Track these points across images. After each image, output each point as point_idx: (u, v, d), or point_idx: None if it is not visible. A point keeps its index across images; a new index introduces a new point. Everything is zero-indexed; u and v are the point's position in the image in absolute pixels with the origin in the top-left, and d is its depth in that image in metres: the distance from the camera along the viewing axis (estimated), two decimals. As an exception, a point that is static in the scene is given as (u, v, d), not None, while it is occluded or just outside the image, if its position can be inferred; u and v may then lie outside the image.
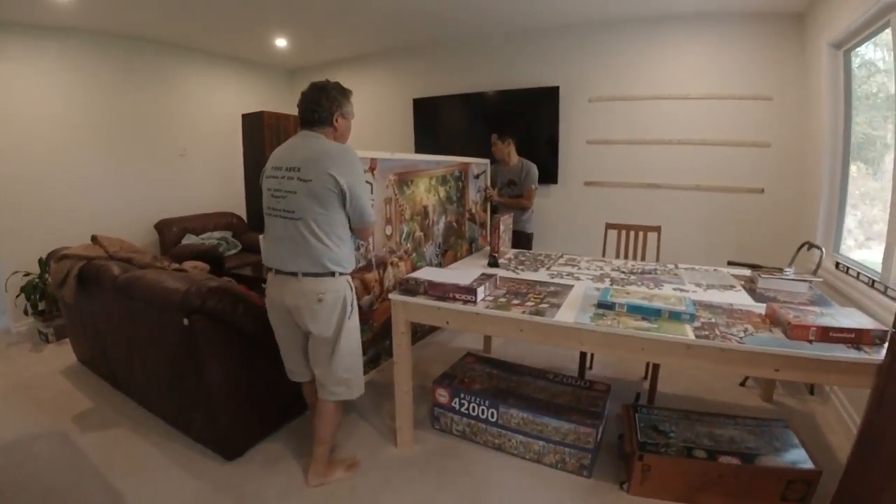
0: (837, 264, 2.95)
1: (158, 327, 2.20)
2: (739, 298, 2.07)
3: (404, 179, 2.55)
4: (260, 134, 5.48)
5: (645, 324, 1.66)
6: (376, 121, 5.44)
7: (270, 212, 1.78)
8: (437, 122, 5.10)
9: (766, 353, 1.53)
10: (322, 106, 1.76)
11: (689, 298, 1.87)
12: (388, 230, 2.43)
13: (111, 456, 2.22)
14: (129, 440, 2.36)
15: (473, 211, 3.38)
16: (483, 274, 2.06)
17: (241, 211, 5.72)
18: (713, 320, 1.74)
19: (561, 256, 2.86)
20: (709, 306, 1.91)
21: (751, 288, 2.25)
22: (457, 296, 1.86)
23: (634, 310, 1.74)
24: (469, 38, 4.72)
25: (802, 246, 3.31)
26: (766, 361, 1.55)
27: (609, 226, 3.38)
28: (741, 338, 1.59)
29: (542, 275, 2.38)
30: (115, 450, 2.27)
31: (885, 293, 2.44)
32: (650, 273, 2.47)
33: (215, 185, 5.60)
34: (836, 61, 3.07)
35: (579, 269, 2.53)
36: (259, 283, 3.86)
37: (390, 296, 1.97)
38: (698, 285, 2.26)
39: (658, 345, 1.59)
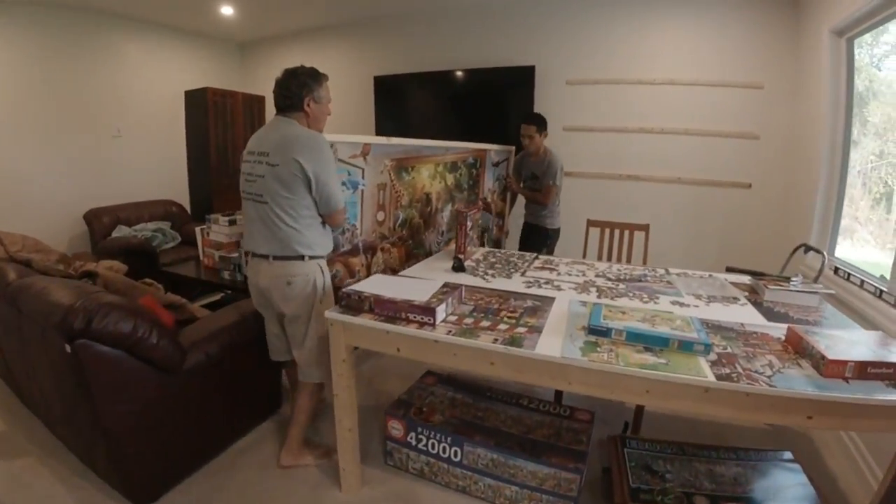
0: (836, 269, 2.70)
1: (46, 349, 1.74)
2: (748, 315, 1.75)
3: (403, 165, 2.50)
4: (204, 113, 4.91)
5: (650, 357, 1.31)
6: (333, 100, 4.95)
7: (244, 195, 1.81)
8: (400, 103, 4.65)
9: (801, 397, 1.20)
10: (292, 91, 1.77)
11: (697, 320, 1.53)
12: (381, 216, 2.40)
13: (13, 493, 1.82)
14: (36, 473, 1.93)
15: (489, 200, 3.17)
16: (446, 285, 1.66)
17: (184, 198, 5.15)
18: (729, 349, 1.41)
19: (536, 258, 2.50)
20: (718, 328, 1.58)
21: (756, 300, 1.95)
22: (411, 316, 1.46)
23: (635, 337, 1.38)
24: (435, 11, 4.28)
25: (798, 248, 3.06)
26: (799, 408, 1.22)
27: (591, 223, 3.03)
28: (769, 376, 1.26)
29: (516, 282, 2.01)
30: (17, 485, 1.86)
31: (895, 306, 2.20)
32: (640, 280, 2.14)
33: (154, 169, 5.02)
34: (839, 50, 2.79)
35: (559, 274, 2.18)
36: (199, 284, 3.42)
37: (326, 314, 1.56)
38: (698, 297, 1.94)
39: (668, 387, 1.24)
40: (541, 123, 3.10)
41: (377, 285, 1.64)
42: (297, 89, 1.77)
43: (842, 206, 2.89)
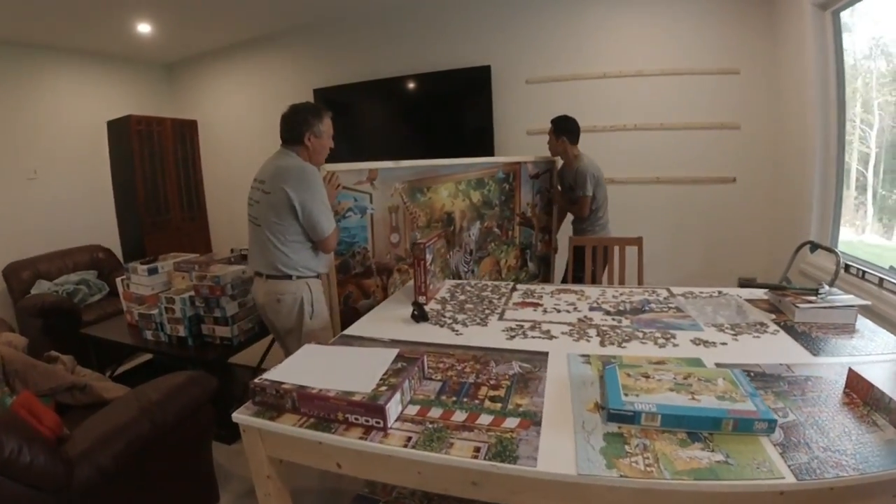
0: (847, 267, 2.41)
1: None
2: (788, 349, 1.40)
3: (417, 186, 2.56)
4: (128, 142, 4.38)
5: (700, 452, 0.90)
6: (272, 116, 4.47)
7: (249, 218, 2.00)
8: (346, 117, 4.21)
9: (890, 478, 0.85)
10: (294, 126, 1.93)
11: (743, 376, 1.14)
12: (395, 238, 2.50)
13: None
14: None
15: (529, 214, 3.03)
16: (401, 357, 1.21)
17: (114, 241, 4.55)
18: (791, 415, 1.03)
19: (514, 288, 2.09)
20: (762, 377, 1.21)
21: (786, 323, 1.59)
22: (352, 418, 1.02)
23: (675, 422, 0.97)
24: (376, 14, 3.87)
25: (802, 246, 2.76)
26: (885, 488, 0.88)
27: (575, 242, 2.66)
28: (852, 454, 0.89)
29: (494, 331, 1.58)
30: None
31: None
32: (644, 311, 1.76)
33: (78, 211, 4.43)
34: (823, 23, 2.52)
35: (545, 311, 1.77)
36: (122, 347, 2.87)
37: (233, 416, 1.10)
38: (719, 328, 1.56)
39: (732, 499, 0.84)
40: (558, 125, 2.86)
41: (304, 367, 1.19)
42: (298, 125, 1.92)
43: (841, 197, 2.61)
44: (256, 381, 1.11)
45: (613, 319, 1.66)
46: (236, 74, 4.67)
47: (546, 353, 1.36)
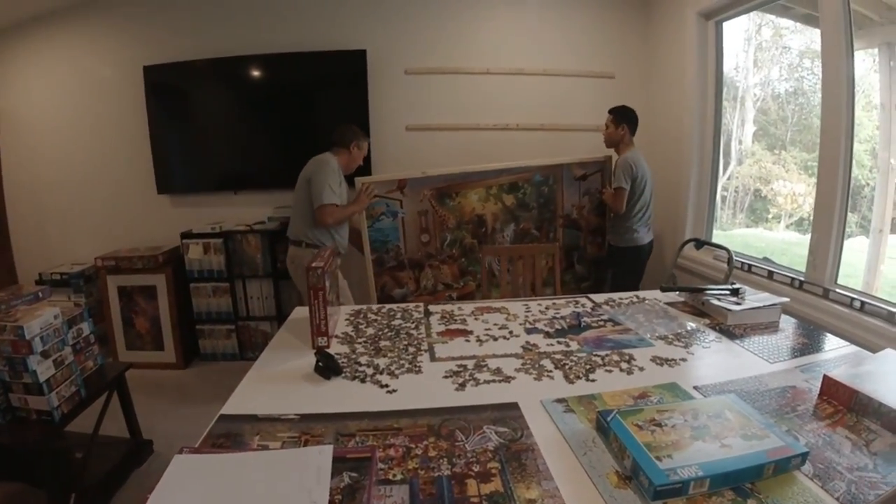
0: (729, 260, 2.57)
1: None
2: (741, 358, 1.34)
3: (446, 193, 2.88)
4: None
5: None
6: (89, 100, 3.44)
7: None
8: (183, 102, 3.43)
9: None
10: (344, 133, 2.61)
11: (748, 407, 0.99)
12: (426, 238, 2.93)
13: None
14: None
15: (574, 216, 3.03)
16: (342, 463, 0.77)
17: None
18: (802, 439, 0.94)
19: (429, 313, 1.75)
20: (749, 397, 1.10)
21: (720, 327, 1.55)
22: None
23: (720, 481, 0.78)
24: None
25: (687, 242, 2.91)
26: None
27: (486, 253, 2.43)
28: (873, 468, 0.85)
29: (432, 380, 1.22)
30: None
31: (826, 297, 2.06)
32: (581, 326, 1.58)
33: None
34: (706, 32, 2.67)
35: (479, 341, 1.47)
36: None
37: None
38: (666, 339, 1.45)
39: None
40: (621, 113, 2.77)
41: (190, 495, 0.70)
42: (350, 134, 2.61)
43: (716, 192, 2.81)
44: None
45: (559, 343, 1.44)
46: (44, 54, 3.42)
47: (515, 405, 1.06)
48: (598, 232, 3.10)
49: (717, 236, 3.01)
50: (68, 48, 3.38)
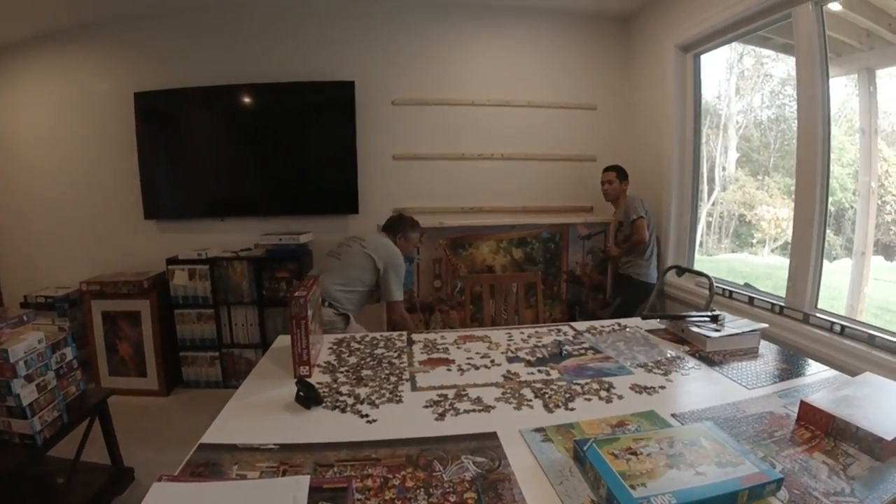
0: (710, 286, 2.61)
1: None
2: (720, 384, 1.36)
3: (460, 243, 3.10)
4: None
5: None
6: (78, 124, 3.45)
7: (331, 252, 2.53)
8: (173, 129, 3.45)
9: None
10: (396, 223, 2.61)
11: (722, 433, 1.00)
12: (437, 283, 3.13)
13: None
14: None
15: (578, 273, 3.17)
16: (317, 493, 0.77)
17: None
18: (778, 465, 0.95)
19: (412, 342, 1.76)
20: (726, 424, 1.11)
21: (699, 354, 1.57)
22: None
23: None
24: (217, 5, 3.26)
25: (669, 269, 2.96)
26: None
27: (471, 283, 2.46)
28: (850, 492, 0.87)
29: (413, 409, 1.22)
30: None
31: (807, 322, 2.10)
32: (562, 353, 1.59)
33: None
34: (685, 64, 2.77)
35: (460, 369, 1.48)
36: None
37: None
38: (645, 367, 1.47)
39: None
40: (622, 171, 3.02)
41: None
42: (402, 226, 2.58)
43: (697, 220, 2.87)
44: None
45: (539, 371, 1.45)
46: (33, 79, 3.44)
47: (494, 434, 1.07)
48: (599, 289, 3.27)
49: (703, 262, 3.07)
50: (58, 73, 3.41)
